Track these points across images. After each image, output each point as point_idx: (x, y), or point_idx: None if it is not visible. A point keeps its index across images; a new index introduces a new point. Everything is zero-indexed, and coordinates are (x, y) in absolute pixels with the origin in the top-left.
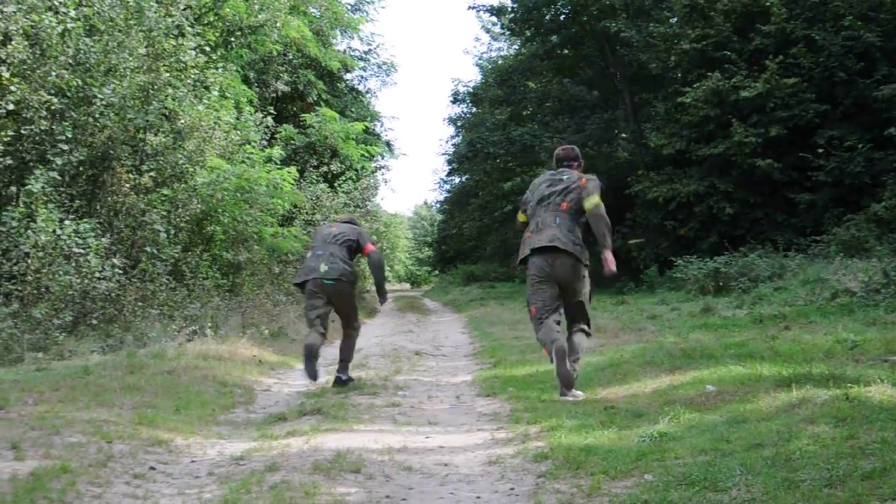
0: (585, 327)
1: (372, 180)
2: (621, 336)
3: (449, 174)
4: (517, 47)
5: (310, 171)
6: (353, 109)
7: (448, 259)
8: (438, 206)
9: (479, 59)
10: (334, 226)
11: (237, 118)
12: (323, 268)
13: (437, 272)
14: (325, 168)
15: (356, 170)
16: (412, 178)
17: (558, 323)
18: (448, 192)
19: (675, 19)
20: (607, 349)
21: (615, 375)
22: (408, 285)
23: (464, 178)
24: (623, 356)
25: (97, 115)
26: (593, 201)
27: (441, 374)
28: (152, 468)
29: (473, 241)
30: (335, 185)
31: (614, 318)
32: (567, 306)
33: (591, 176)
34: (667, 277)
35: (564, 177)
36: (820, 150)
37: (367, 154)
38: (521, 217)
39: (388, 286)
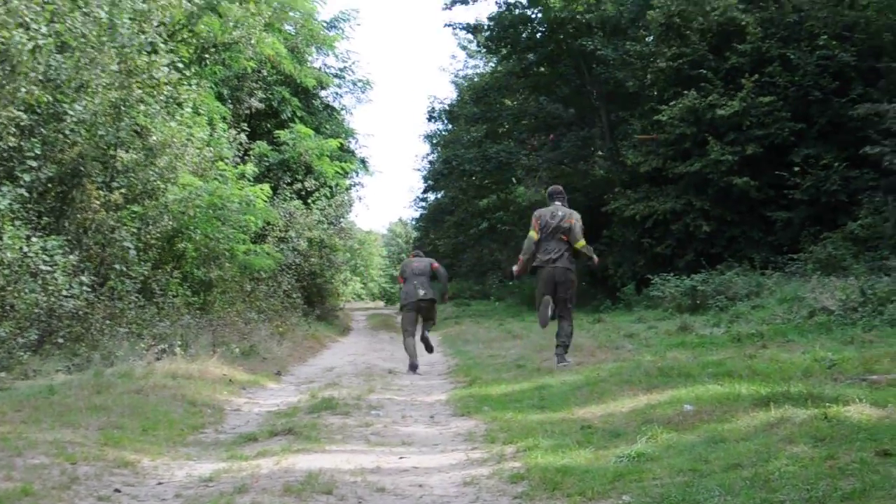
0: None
1: (346, 197)
2: (598, 355)
3: (425, 191)
4: (493, 65)
5: (283, 188)
6: (327, 126)
7: None
8: (414, 223)
9: (456, 76)
10: (415, 262)
11: (210, 135)
12: (420, 292)
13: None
14: (298, 185)
15: (330, 187)
16: (387, 195)
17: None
18: (423, 209)
19: (651, 38)
20: (584, 368)
21: (592, 394)
22: (381, 303)
23: (439, 196)
24: (600, 375)
25: (67, 132)
26: (581, 244)
27: (415, 393)
28: (118, 490)
29: (449, 259)
30: (309, 201)
31: (591, 337)
32: (557, 301)
33: (576, 214)
34: (644, 295)
35: (560, 213)
36: (796, 169)
37: (341, 171)
38: (535, 234)
39: (361, 304)
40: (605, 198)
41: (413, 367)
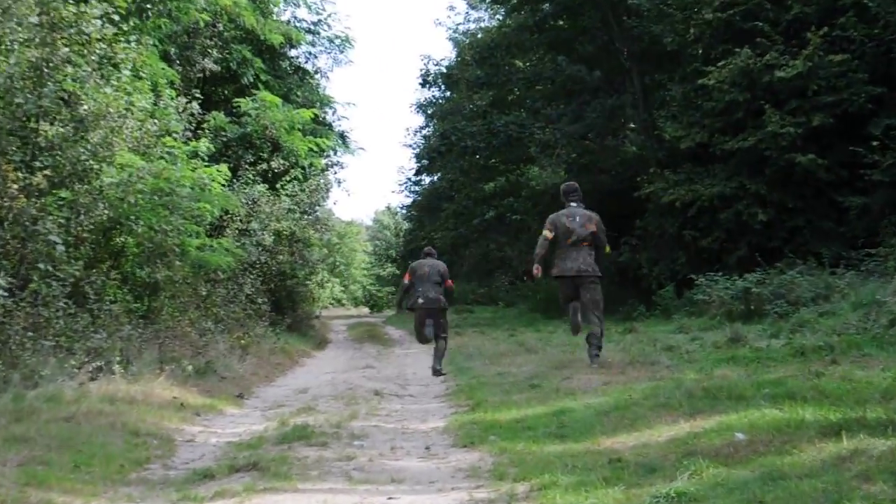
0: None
1: (322, 180)
2: (629, 372)
3: (417, 173)
4: (501, 17)
5: (245, 169)
6: (298, 94)
7: None
8: (404, 211)
9: (455, 31)
10: (427, 264)
11: (154, 104)
12: (420, 301)
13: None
14: (263, 165)
15: (303, 167)
16: (372, 179)
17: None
18: (416, 194)
19: None
20: (612, 388)
21: (622, 421)
22: (366, 309)
23: (435, 179)
24: (632, 397)
25: None
26: (607, 251)
27: (407, 420)
28: None
29: (447, 256)
30: (277, 186)
31: (621, 350)
32: (584, 303)
33: (595, 216)
34: (685, 300)
35: (578, 217)
36: (875, 143)
37: (316, 148)
38: (548, 234)
39: (342, 310)
40: (638, 180)
41: (435, 372)
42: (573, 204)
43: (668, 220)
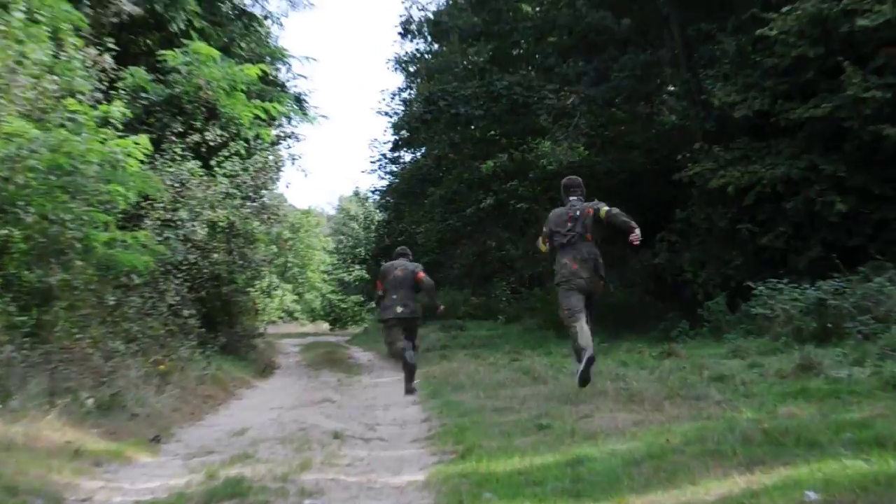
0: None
1: (271, 157)
2: (667, 409)
3: (395, 148)
4: None
5: (171, 142)
6: (243, 45)
7: None
8: (377, 198)
9: None
10: (399, 268)
11: (55, 56)
12: (398, 309)
13: (372, 305)
14: (195, 137)
15: (246, 140)
16: (337, 156)
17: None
18: (393, 176)
19: None
20: (645, 430)
21: (657, 474)
22: (325, 325)
23: (418, 155)
24: (670, 442)
25: None
26: (604, 210)
27: (376, 471)
28: None
29: (433, 255)
30: (212, 163)
31: (656, 380)
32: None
33: (594, 202)
34: (741, 314)
35: (577, 212)
36: None
37: (263, 115)
38: (542, 246)
39: (294, 326)
40: (679, 159)
41: (408, 391)
42: (573, 199)
43: (717, 211)
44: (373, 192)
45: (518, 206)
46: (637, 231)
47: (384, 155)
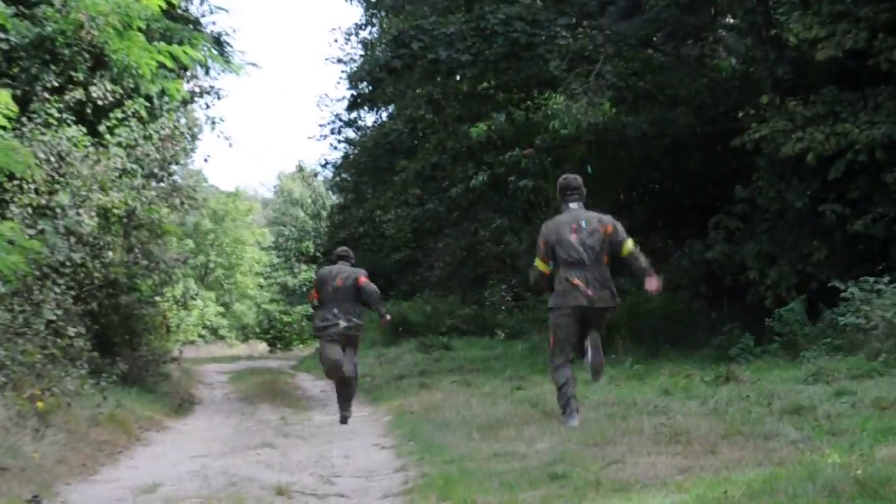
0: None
1: (184, 121)
2: (724, 452)
3: (352, 107)
4: None
5: (44, 101)
6: None
7: None
8: (330, 174)
9: None
10: (338, 275)
11: None
12: (342, 324)
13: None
14: (77, 93)
15: (148, 98)
16: (274, 119)
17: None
18: (351, 145)
19: None
20: (695, 479)
21: None
22: (262, 346)
23: (384, 116)
24: (730, 494)
25: None
26: (628, 247)
27: None
28: None
29: (406, 250)
30: (102, 129)
31: (709, 414)
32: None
33: (607, 217)
34: (824, 325)
35: (583, 222)
36: None
37: (171, 64)
38: (542, 266)
39: (220, 348)
40: (740, 118)
41: (343, 420)
42: (573, 206)
43: (792, 187)
44: (323, 166)
45: (521, 184)
46: (655, 280)
47: (338, 116)
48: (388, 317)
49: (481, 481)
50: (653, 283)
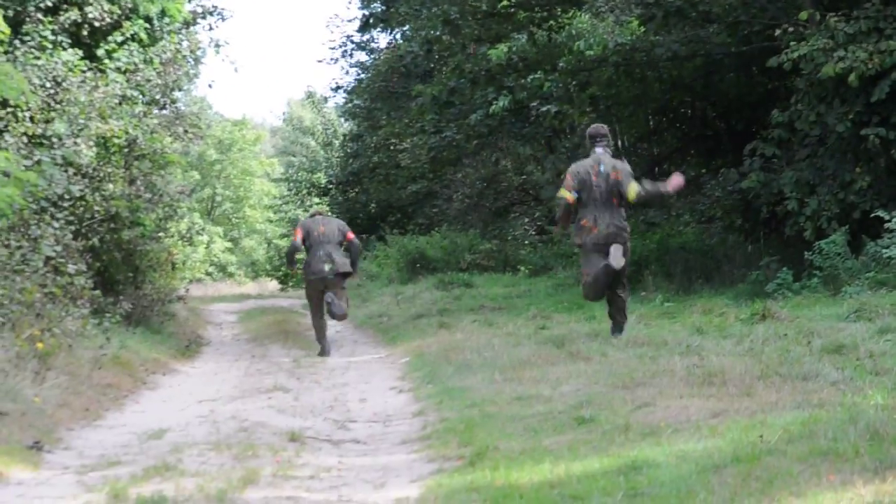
0: (621, 292)
1: (186, 43)
2: (760, 394)
3: (364, 27)
4: None
5: (37, 22)
6: None
7: (366, 221)
8: (342, 101)
9: None
10: (321, 222)
11: None
12: (326, 267)
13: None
14: (72, 14)
15: (148, 19)
16: (280, 42)
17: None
18: (363, 69)
19: None
20: (728, 423)
21: (746, 483)
22: (273, 284)
23: (398, 38)
24: (765, 439)
25: None
26: (632, 194)
27: (351, 486)
28: None
29: (423, 182)
30: (99, 52)
31: (744, 354)
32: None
33: (621, 164)
34: (868, 258)
35: (601, 167)
36: None
37: None
38: (567, 194)
39: (229, 286)
40: (775, 36)
41: (325, 352)
42: (599, 150)
43: (833, 110)
44: (335, 90)
45: (544, 110)
46: (675, 183)
47: (349, 38)
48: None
49: (504, 426)
50: (674, 181)
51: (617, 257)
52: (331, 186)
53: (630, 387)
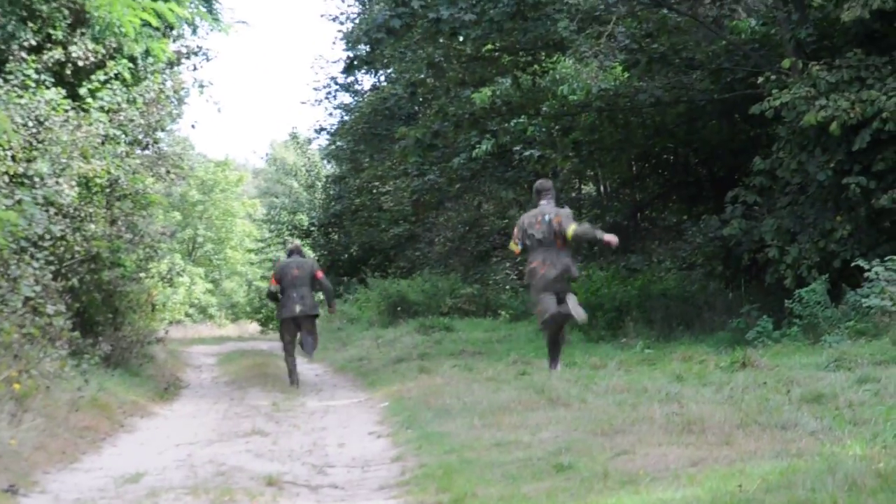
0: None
1: (170, 83)
2: (739, 442)
3: (349, 69)
4: None
5: (20, 61)
6: None
7: (348, 264)
8: (326, 142)
9: None
10: (294, 265)
11: None
12: (297, 308)
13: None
14: (56, 53)
15: (132, 59)
16: (264, 83)
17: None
18: (347, 111)
19: None
20: (708, 471)
21: None
22: (253, 326)
23: (382, 80)
24: (744, 489)
25: None
26: (571, 230)
27: None
28: None
29: (406, 225)
30: (82, 92)
31: (724, 402)
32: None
33: (563, 211)
34: (847, 307)
35: (545, 217)
36: None
37: (156, 22)
38: (515, 248)
39: (209, 328)
40: (758, 83)
41: (294, 383)
42: (543, 202)
43: (814, 158)
44: (318, 132)
45: (527, 154)
46: (609, 237)
47: (334, 79)
48: (335, 309)
49: (483, 472)
50: (611, 237)
51: (577, 310)
52: (313, 228)
53: (609, 434)
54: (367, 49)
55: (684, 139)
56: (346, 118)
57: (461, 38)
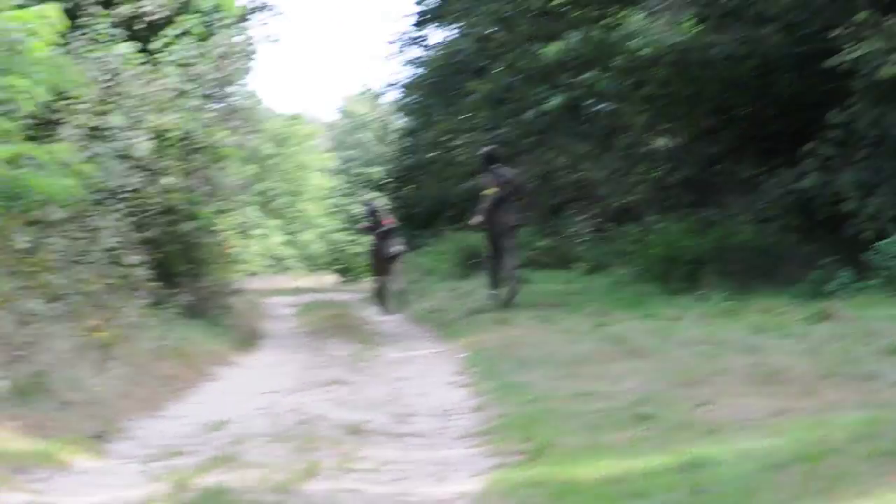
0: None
1: (240, 37)
2: (823, 392)
3: (420, 24)
4: None
5: (93, 16)
6: None
7: (423, 217)
8: (399, 97)
9: None
10: (382, 216)
11: None
12: (391, 250)
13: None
14: (126, 8)
15: (202, 13)
16: (334, 38)
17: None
18: (419, 65)
19: None
20: (791, 421)
21: (808, 481)
22: (331, 277)
23: (454, 34)
24: (828, 437)
25: None
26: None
27: (412, 479)
28: None
29: (478, 178)
30: (153, 46)
31: (805, 353)
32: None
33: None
34: None
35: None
36: None
37: None
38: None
39: (285, 279)
40: (835, 37)
41: (389, 312)
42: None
43: (891, 112)
44: (390, 86)
45: (598, 108)
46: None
47: (405, 34)
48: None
49: (563, 422)
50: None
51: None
52: (389, 180)
53: (690, 384)
54: (437, 3)
55: (758, 93)
56: (418, 73)
57: None
